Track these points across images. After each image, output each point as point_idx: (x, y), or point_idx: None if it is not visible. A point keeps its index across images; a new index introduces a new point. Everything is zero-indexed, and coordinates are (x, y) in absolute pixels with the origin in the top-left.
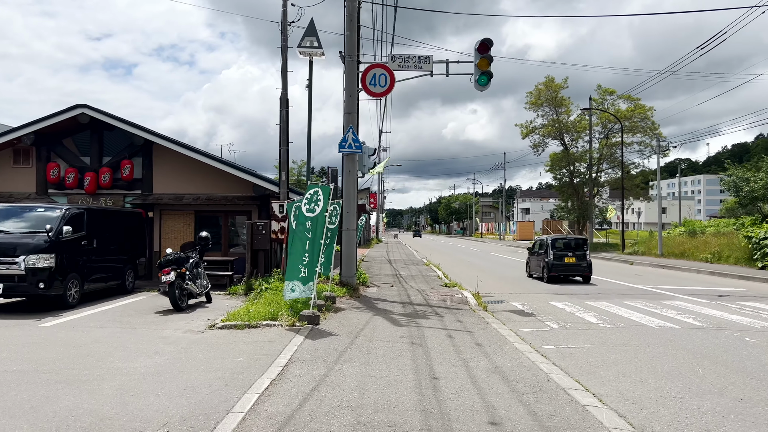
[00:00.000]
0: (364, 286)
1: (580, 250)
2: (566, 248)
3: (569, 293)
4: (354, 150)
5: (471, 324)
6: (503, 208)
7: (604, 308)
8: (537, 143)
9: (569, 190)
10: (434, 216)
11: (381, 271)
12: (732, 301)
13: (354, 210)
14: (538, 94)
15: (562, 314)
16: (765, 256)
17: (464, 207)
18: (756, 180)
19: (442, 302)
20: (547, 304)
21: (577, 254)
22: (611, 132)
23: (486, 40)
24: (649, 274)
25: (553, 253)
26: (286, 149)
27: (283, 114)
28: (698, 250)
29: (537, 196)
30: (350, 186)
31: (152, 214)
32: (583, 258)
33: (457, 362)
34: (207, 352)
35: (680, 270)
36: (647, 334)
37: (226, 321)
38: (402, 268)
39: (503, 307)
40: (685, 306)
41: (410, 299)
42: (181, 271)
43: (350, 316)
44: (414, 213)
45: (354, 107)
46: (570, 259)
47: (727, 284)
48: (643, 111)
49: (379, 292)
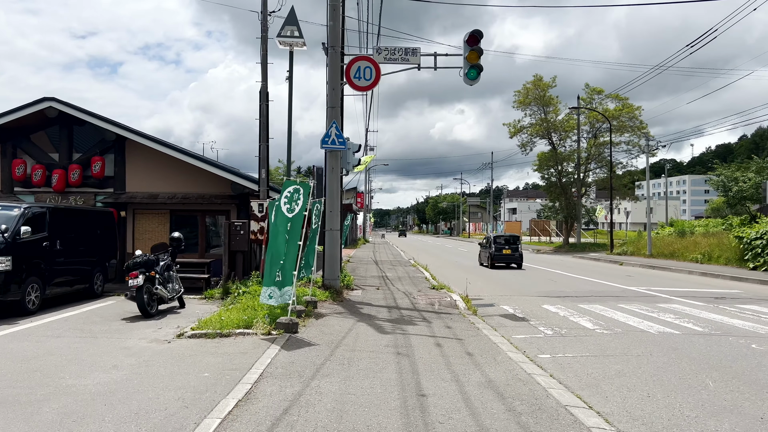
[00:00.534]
0: (348, 289)
1: (515, 244)
2: (505, 243)
3: (562, 296)
4: (337, 146)
5: (461, 330)
6: (490, 208)
7: (599, 312)
8: (525, 142)
9: (557, 190)
10: (422, 216)
11: (367, 272)
12: (729, 303)
13: (337, 209)
14: (526, 93)
15: (555, 319)
16: (756, 257)
17: (452, 207)
18: (745, 180)
19: (429, 306)
20: (539, 307)
21: (512, 247)
22: (599, 131)
23: (476, 31)
24: (641, 275)
25: (494, 246)
26: (266, 145)
27: (263, 108)
28: (688, 251)
29: (524, 196)
30: (333, 184)
31: (125, 214)
32: (516, 250)
33: (446, 376)
34: (170, 365)
35: (671, 271)
36: (648, 341)
37: (195, 329)
38: (389, 269)
39: (494, 311)
40: (683, 309)
41: (396, 303)
42: (150, 275)
43: (332, 322)
44: (401, 213)
45: (337, 101)
46: (507, 251)
47: (721, 285)
48: (631, 110)
49: (364, 296)
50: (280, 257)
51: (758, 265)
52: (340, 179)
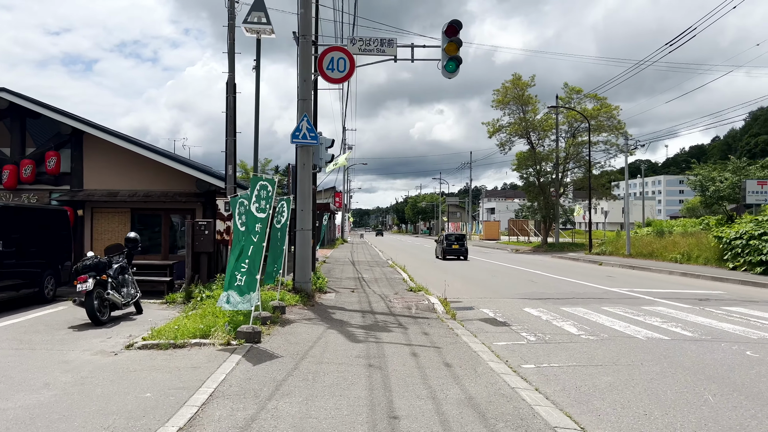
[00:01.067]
0: (320, 293)
1: (462, 241)
2: (455, 240)
3: (543, 298)
4: (309, 141)
5: (439, 337)
6: (469, 208)
7: (582, 315)
8: (504, 142)
9: (535, 190)
10: (401, 216)
11: (342, 274)
12: (715, 305)
13: (309, 208)
14: (504, 92)
15: (538, 323)
16: (736, 257)
17: (431, 207)
18: (722, 179)
19: (406, 310)
20: (520, 311)
21: (459, 243)
22: (577, 131)
23: (454, 21)
24: (621, 276)
25: (446, 243)
26: (233, 140)
27: (230, 100)
28: (667, 251)
29: (502, 196)
30: (305, 181)
31: (82, 213)
32: (462, 246)
33: (422, 392)
34: (110, 384)
35: (651, 271)
36: (637, 347)
37: (147, 339)
38: (365, 270)
39: (473, 315)
40: (668, 312)
41: (371, 307)
42: (101, 278)
43: (300, 330)
44: (381, 213)
45: (309, 93)
46: (455, 246)
47: (703, 286)
48: (609, 110)
49: (338, 299)
50: (244, 259)
51: (738, 265)
52: (313, 176)
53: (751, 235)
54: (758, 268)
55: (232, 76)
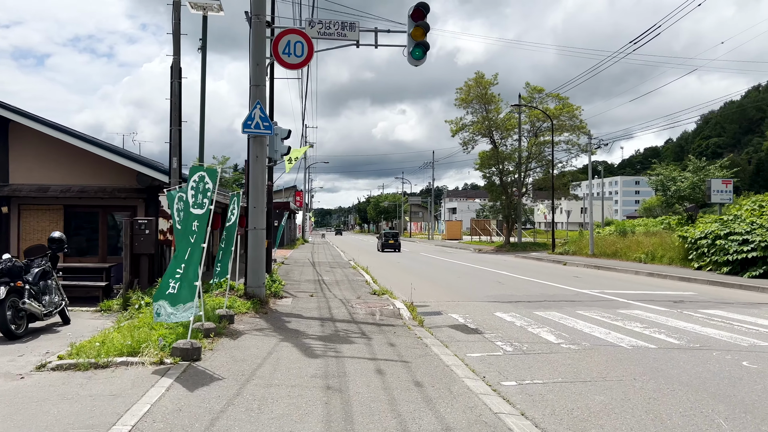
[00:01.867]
0: (276, 298)
1: (396, 237)
2: (391, 237)
3: (513, 301)
4: (262, 131)
5: (406, 348)
6: (432, 208)
7: (558, 321)
8: (467, 141)
9: (498, 189)
10: (363, 215)
11: (302, 276)
12: (692, 308)
13: (263, 205)
14: (467, 90)
15: (512, 330)
16: (701, 257)
17: (393, 206)
18: (683, 179)
19: (370, 316)
20: (491, 315)
21: (394, 239)
22: (540, 131)
23: (421, 4)
24: (589, 276)
25: (384, 238)
26: (177, 129)
27: (175, 86)
28: (631, 250)
29: (463, 196)
30: (258, 175)
31: (7, 210)
32: (397, 241)
33: (389, 421)
34: (1, 420)
35: (617, 271)
36: (624, 358)
37: (64, 358)
38: (326, 272)
39: (442, 321)
40: (647, 316)
41: (332, 314)
42: (15, 285)
43: (249, 343)
44: (343, 212)
45: (262, 78)
46: (391, 241)
47: (673, 287)
48: (571, 110)
49: (295, 305)
50: (179, 263)
51: (703, 265)
52: (269, 170)
53: (717, 235)
54: (724, 268)
55: (178, 59)
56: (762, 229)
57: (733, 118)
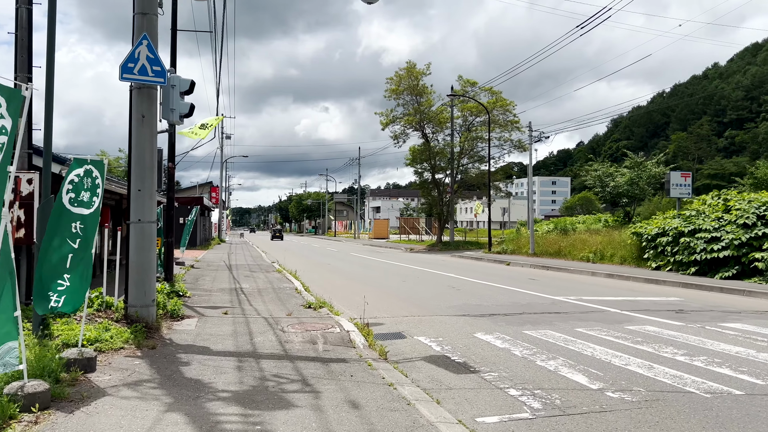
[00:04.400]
0: (174, 319)
1: (281, 232)
2: (278, 231)
3: (487, 314)
4: (150, 78)
5: (380, 413)
6: (357, 206)
7: (564, 345)
8: (398, 134)
9: (430, 186)
10: (284, 214)
11: (214, 283)
12: (707, 321)
13: (153, 188)
14: (398, 81)
15: (516, 365)
16: (659, 256)
17: (317, 204)
18: (621, 174)
19: (310, 346)
20: (472, 338)
21: (280, 233)
22: (473, 125)
23: None
24: (545, 279)
25: (273, 232)
26: (26, 78)
27: (23, 14)
28: (576, 249)
29: (386, 195)
30: (144, 144)
31: None
32: (281, 234)
33: None
34: None
35: (570, 272)
36: (725, 421)
37: None
38: (245, 277)
39: (410, 349)
40: (669, 335)
41: (254, 343)
42: None
43: (108, 418)
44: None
45: (152, 6)
46: (278, 235)
47: (649, 291)
48: (505, 104)
49: (201, 330)
50: None
51: (662, 265)
52: (170, 144)
53: (680, 232)
54: (691, 269)
55: None
56: (732, 225)
57: (641, 122)
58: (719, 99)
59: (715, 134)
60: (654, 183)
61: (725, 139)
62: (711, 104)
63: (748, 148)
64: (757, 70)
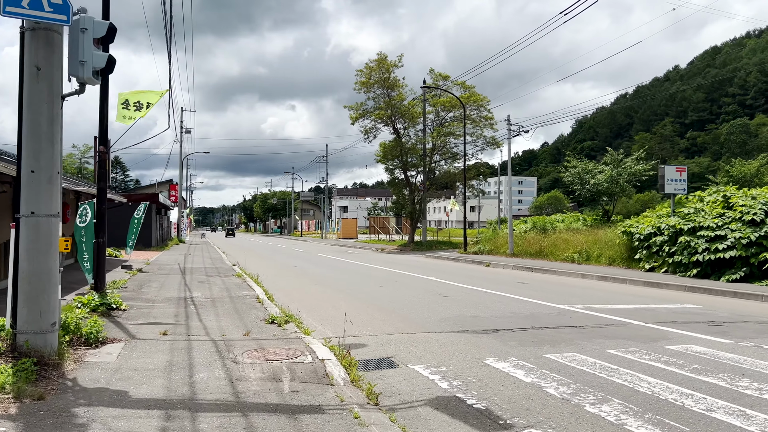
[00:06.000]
0: (88, 346)
1: (234, 230)
2: (230, 229)
3: (489, 330)
4: (47, 15)
5: None
6: (325, 205)
7: (607, 377)
8: (368, 129)
9: (401, 184)
10: (249, 214)
11: (160, 291)
12: (754, 336)
13: (53, 168)
14: (369, 73)
15: (556, 412)
16: (651, 256)
17: (282, 204)
18: (601, 172)
19: (271, 385)
20: (482, 366)
21: (233, 231)
22: (445, 121)
23: None
24: (535, 282)
25: (227, 229)
26: None
27: None
28: (558, 249)
29: (353, 194)
30: (39, 106)
31: None
32: (234, 232)
33: None
34: None
35: (558, 274)
36: None
37: None
38: (200, 283)
39: (408, 386)
40: (732, 360)
41: (193, 384)
42: None
43: None
44: (227, 211)
45: None
46: (231, 232)
47: (657, 297)
48: (479, 99)
49: (123, 363)
50: None
51: (656, 266)
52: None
53: (678, 231)
54: (693, 270)
55: None
56: (737, 223)
57: (605, 122)
58: (680, 101)
59: (677, 135)
60: (633, 180)
61: (687, 140)
62: (673, 105)
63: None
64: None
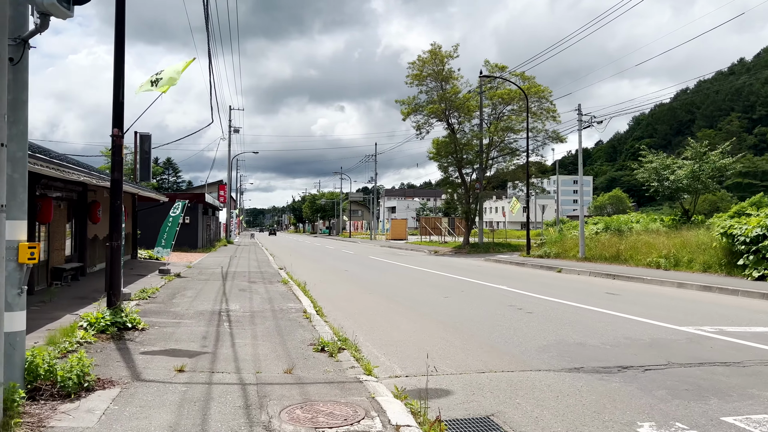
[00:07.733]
0: (63, 398)
1: (275, 231)
2: (273, 230)
3: (613, 366)
4: None
5: None
6: (373, 206)
7: None
8: (420, 124)
9: (456, 182)
10: (298, 215)
11: (194, 303)
12: None
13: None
14: (422, 65)
15: None
16: (760, 262)
17: (331, 204)
18: (681, 166)
19: None
20: None
21: (275, 231)
22: (503, 114)
23: None
24: (625, 293)
25: (270, 230)
26: None
27: None
28: (639, 253)
29: (401, 195)
30: None
31: None
32: (275, 231)
33: None
34: None
35: (645, 282)
36: None
37: None
38: (240, 291)
39: None
40: None
41: None
42: None
43: None
44: (277, 212)
45: None
46: (273, 233)
47: None
48: (540, 90)
49: (107, 427)
50: None
51: (765, 274)
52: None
53: None
54: None
55: None
56: None
57: (664, 119)
58: (748, 95)
59: (744, 131)
60: (718, 176)
61: (755, 136)
62: (739, 100)
63: None
64: None
